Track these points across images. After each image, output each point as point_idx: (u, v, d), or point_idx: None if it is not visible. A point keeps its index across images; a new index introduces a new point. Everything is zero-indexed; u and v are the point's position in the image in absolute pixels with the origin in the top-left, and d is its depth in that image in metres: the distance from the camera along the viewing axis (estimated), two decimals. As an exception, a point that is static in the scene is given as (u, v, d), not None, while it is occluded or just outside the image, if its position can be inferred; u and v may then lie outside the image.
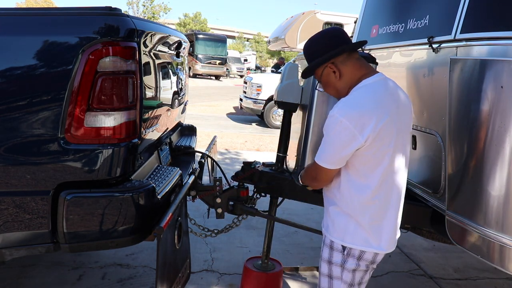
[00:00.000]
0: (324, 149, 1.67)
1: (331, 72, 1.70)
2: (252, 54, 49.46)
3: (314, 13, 11.27)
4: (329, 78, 1.72)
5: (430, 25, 2.39)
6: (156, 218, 1.88)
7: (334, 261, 1.75)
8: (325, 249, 1.80)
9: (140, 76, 1.88)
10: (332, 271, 1.76)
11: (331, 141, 1.62)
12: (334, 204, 1.76)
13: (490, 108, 1.87)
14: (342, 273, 1.74)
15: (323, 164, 1.67)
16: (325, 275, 1.79)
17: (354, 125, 1.54)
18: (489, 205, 1.91)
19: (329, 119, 1.61)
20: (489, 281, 3.24)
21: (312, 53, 1.75)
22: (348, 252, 1.71)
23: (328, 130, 1.63)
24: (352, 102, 1.61)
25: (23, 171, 1.74)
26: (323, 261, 1.81)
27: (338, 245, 1.73)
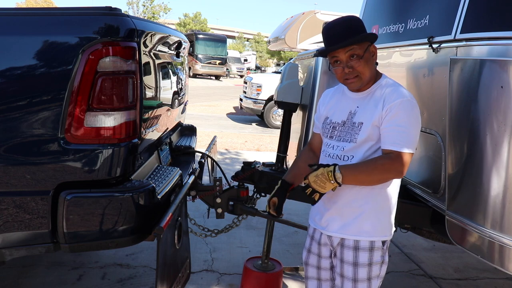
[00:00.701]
0: (410, 135, 1.62)
1: (371, 52, 1.72)
2: (252, 54, 49.47)
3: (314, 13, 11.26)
4: (369, 57, 1.70)
5: (430, 25, 2.39)
6: (156, 218, 1.88)
7: (375, 261, 1.73)
8: (361, 254, 1.72)
9: (140, 76, 1.88)
10: (371, 272, 1.73)
11: (416, 125, 1.65)
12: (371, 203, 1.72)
13: (490, 108, 1.87)
14: (381, 269, 1.76)
15: (411, 150, 1.61)
16: (364, 280, 1.73)
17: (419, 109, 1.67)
18: (489, 205, 1.90)
19: (408, 105, 1.64)
20: (489, 281, 3.24)
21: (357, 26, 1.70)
22: (386, 245, 1.76)
23: (410, 116, 1.63)
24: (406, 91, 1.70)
25: (23, 171, 1.74)
26: (360, 267, 1.72)
27: (379, 243, 1.74)
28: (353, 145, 1.72)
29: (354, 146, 1.71)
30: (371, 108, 1.69)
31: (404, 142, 1.60)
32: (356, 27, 1.69)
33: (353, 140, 1.72)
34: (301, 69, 2.54)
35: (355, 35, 1.65)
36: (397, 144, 1.60)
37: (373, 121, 1.67)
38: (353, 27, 1.68)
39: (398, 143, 1.60)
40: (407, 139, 1.61)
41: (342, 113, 1.79)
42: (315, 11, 11.33)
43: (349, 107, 1.77)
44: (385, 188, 1.73)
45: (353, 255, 1.73)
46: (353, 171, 1.64)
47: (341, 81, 1.75)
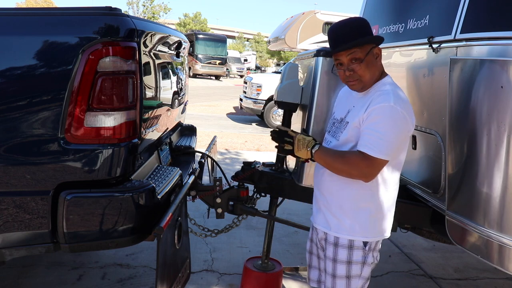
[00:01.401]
0: (386, 141, 1.60)
1: (375, 54, 1.71)
2: (252, 54, 49.47)
3: (314, 13, 11.27)
4: (372, 60, 1.70)
5: (430, 25, 2.39)
6: (156, 218, 1.88)
7: (354, 260, 1.75)
8: (340, 251, 1.75)
9: (140, 76, 1.88)
10: (351, 270, 1.76)
11: (395, 132, 1.62)
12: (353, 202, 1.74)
13: (490, 108, 1.87)
14: (362, 269, 1.76)
15: (385, 156, 1.60)
16: (343, 277, 1.76)
17: (410, 115, 1.65)
18: (489, 205, 1.90)
19: (389, 111, 1.60)
20: (489, 281, 3.24)
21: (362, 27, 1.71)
22: (369, 247, 1.75)
23: (389, 122, 1.61)
24: (401, 95, 1.67)
25: (23, 171, 1.74)
26: (339, 263, 1.76)
27: (359, 243, 1.74)
28: (336, 143, 1.78)
29: (337, 143, 1.78)
30: (359, 110, 1.71)
31: (377, 147, 1.60)
32: (358, 30, 1.68)
33: (337, 137, 1.78)
34: (301, 69, 2.54)
35: (357, 38, 1.65)
36: (370, 147, 1.61)
37: (354, 122, 1.69)
38: (355, 29, 1.68)
39: (371, 146, 1.61)
40: (381, 144, 1.60)
41: (343, 110, 1.83)
42: (315, 11, 11.35)
43: (348, 106, 1.81)
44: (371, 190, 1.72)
45: (333, 251, 1.78)
46: (325, 152, 1.76)
47: (344, 83, 1.78)
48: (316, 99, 2.22)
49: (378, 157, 1.60)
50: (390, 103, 1.61)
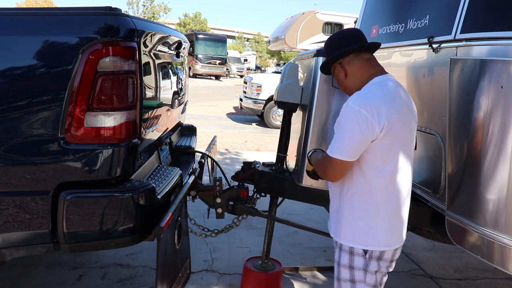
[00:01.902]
0: (341, 140, 1.62)
1: (339, 71, 1.79)
2: (252, 54, 49.46)
3: (314, 13, 11.27)
4: (338, 77, 1.82)
5: (430, 25, 2.39)
6: (156, 218, 1.88)
7: (356, 266, 1.74)
8: (343, 255, 1.76)
9: (140, 76, 1.88)
10: (354, 275, 1.75)
11: (349, 131, 1.60)
12: (350, 209, 1.73)
13: (490, 108, 1.87)
14: (365, 276, 1.74)
15: (339, 156, 1.62)
16: (347, 280, 1.76)
17: (371, 114, 1.57)
18: (489, 205, 1.90)
19: (346, 110, 1.62)
20: (489, 281, 3.24)
21: (326, 50, 1.85)
22: (370, 255, 1.72)
23: (344, 121, 1.62)
24: (366, 95, 1.65)
25: (23, 171, 1.74)
26: (342, 267, 1.77)
27: (359, 250, 1.72)
28: None
29: None
30: None
31: (332, 146, 1.66)
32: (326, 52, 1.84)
33: None
34: (301, 69, 2.54)
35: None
36: (329, 148, 1.68)
37: None
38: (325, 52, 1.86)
39: (329, 146, 1.67)
40: (335, 143, 1.65)
41: None
42: (315, 11, 11.35)
43: None
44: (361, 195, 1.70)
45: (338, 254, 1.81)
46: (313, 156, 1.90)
47: None
48: (316, 99, 2.22)
49: (334, 156, 1.64)
50: (349, 103, 1.63)
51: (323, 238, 3.08)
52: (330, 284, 3.02)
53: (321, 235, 2.75)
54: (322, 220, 4.17)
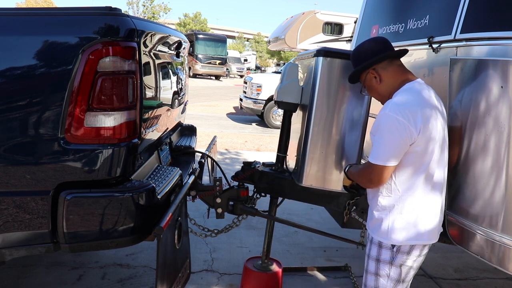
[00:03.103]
0: (382, 147, 1.71)
1: (372, 77, 1.85)
2: (252, 54, 49.45)
3: (314, 13, 11.27)
4: (371, 83, 1.88)
5: (430, 25, 2.39)
6: (156, 218, 1.88)
7: (383, 259, 1.81)
8: (372, 247, 1.85)
9: (140, 76, 1.88)
10: (379, 268, 1.83)
11: (390, 139, 1.69)
12: (382, 204, 1.81)
13: (490, 108, 1.87)
14: (390, 270, 1.81)
15: (382, 162, 1.71)
16: (372, 273, 1.85)
17: (408, 120, 1.66)
18: (489, 205, 1.91)
19: (383, 118, 1.70)
20: (489, 281, 3.24)
21: (356, 59, 1.91)
22: (397, 249, 1.79)
23: (384, 129, 1.70)
24: (401, 101, 1.72)
25: (23, 171, 1.74)
26: (370, 259, 1.86)
27: (387, 243, 1.80)
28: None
29: None
30: None
31: (374, 154, 1.74)
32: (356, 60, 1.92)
33: None
34: (301, 69, 2.54)
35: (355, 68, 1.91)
36: (370, 156, 1.75)
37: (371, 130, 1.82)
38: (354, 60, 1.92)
39: (371, 154, 1.75)
40: (377, 151, 1.73)
41: None
42: (315, 11, 11.35)
43: None
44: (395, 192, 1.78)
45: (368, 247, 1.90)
46: (352, 169, 2.01)
47: None
48: (316, 99, 2.22)
49: (376, 163, 1.72)
50: (386, 111, 1.71)
51: (323, 238, 3.08)
52: (330, 284, 3.03)
53: (321, 235, 2.76)
54: (322, 220, 4.17)
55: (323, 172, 2.29)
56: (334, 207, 2.54)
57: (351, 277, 3.08)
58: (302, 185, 2.33)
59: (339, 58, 2.19)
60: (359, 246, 2.61)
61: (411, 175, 1.75)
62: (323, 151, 2.26)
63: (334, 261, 3.36)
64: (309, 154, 2.27)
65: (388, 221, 1.79)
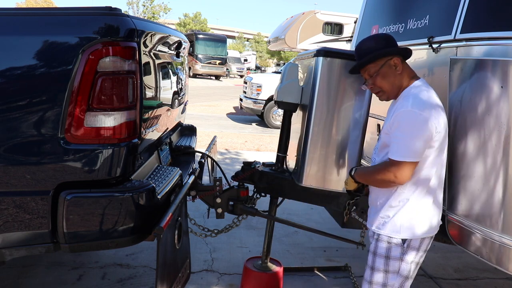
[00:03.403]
0: (407, 144, 1.70)
1: (393, 65, 1.82)
2: (252, 54, 49.44)
3: (314, 13, 11.27)
4: (389, 71, 1.83)
5: (430, 25, 2.39)
6: (156, 218, 1.88)
7: (392, 256, 1.82)
8: (380, 244, 1.85)
9: (140, 76, 1.88)
10: (389, 265, 1.83)
11: (415, 135, 1.70)
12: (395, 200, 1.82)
13: (490, 108, 1.87)
14: (400, 266, 1.83)
15: (408, 158, 1.70)
16: (381, 270, 1.85)
17: (430, 116, 1.69)
18: (489, 205, 1.91)
19: (408, 115, 1.70)
20: (489, 281, 3.24)
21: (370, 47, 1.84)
22: (408, 244, 1.81)
23: (408, 125, 1.71)
24: (422, 97, 1.74)
25: (23, 171, 1.74)
26: (378, 257, 1.86)
27: (397, 239, 1.81)
28: (376, 151, 1.95)
29: (377, 151, 1.93)
30: (388, 118, 1.85)
31: (399, 151, 1.72)
32: (369, 48, 1.84)
33: (376, 146, 1.95)
34: (301, 69, 2.54)
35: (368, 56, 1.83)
36: (393, 153, 1.74)
37: (385, 129, 1.83)
38: (367, 48, 1.85)
39: (394, 152, 1.74)
40: (402, 148, 1.71)
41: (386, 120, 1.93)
42: (315, 11, 11.35)
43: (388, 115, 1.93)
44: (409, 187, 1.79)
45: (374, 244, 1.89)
46: (361, 171, 1.96)
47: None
48: (316, 99, 2.22)
49: (402, 160, 1.71)
50: (408, 108, 1.71)
51: (323, 238, 3.08)
52: (330, 284, 3.03)
53: (321, 235, 2.75)
54: (322, 220, 4.17)
55: (323, 172, 2.29)
56: (334, 207, 2.54)
57: (351, 277, 3.08)
58: (302, 185, 2.33)
59: (339, 58, 2.19)
60: (359, 246, 2.61)
61: (426, 170, 1.77)
62: (323, 151, 2.26)
63: (334, 261, 3.36)
64: (309, 154, 2.27)
65: (401, 216, 1.80)
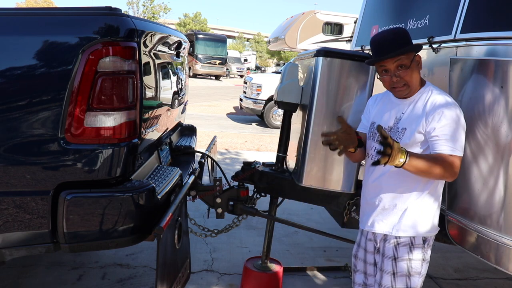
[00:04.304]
0: (458, 139, 1.69)
1: (418, 61, 1.82)
2: (252, 54, 49.43)
3: (314, 13, 11.28)
4: (416, 67, 1.81)
5: (430, 25, 2.39)
6: (156, 218, 1.88)
7: (415, 258, 1.81)
8: (401, 249, 1.81)
9: (140, 76, 1.88)
10: (411, 268, 1.82)
11: (462, 128, 1.71)
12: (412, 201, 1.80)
13: (490, 108, 1.87)
14: (422, 267, 1.83)
15: (462, 154, 1.71)
16: (403, 274, 1.82)
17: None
18: (488, 205, 1.90)
19: (452, 108, 1.70)
20: (489, 281, 3.24)
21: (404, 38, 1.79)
22: (428, 243, 1.82)
23: (456, 119, 1.70)
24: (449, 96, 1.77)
25: (23, 171, 1.74)
26: (399, 261, 1.82)
27: (419, 240, 1.80)
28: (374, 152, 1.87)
29: None
30: (416, 115, 1.77)
31: (455, 147, 1.68)
32: (403, 39, 1.79)
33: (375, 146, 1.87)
34: (301, 69, 2.54)
35: (402, 46, 1.75)
36: (451, 150, 1.68)
37: (418, 128, 1.74)
38: (400, 38, 1.79)
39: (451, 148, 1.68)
40: (457, 144, 1.69)
41: (389, 119, 1.87)
42: (315, 11, 11.35)
43: (395, 114, 1.86)
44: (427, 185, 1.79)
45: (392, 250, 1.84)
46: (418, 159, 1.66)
47: (389, 89, 1.84)
48: (316, 99, 2.22)
49: (459, 155, 1.69)
50: (449, 100, 1.73)
51: (323, 238, 3.08)
52: (330, 284, 3.03)
53: (321, 235, 2.76)
54: (322, 220, 4.17)
55: (323, 172, 2.30)
56: (334, 207, 2.54)
57: (351, 277, 3.08)
58: (302, 185, 2.33)
59: (339, 58, 2.19)
60: (359, 246, 2.60)
61: None
62: (323, 151, 2.26)
63: (334, 261, 3.36)
64: (309, 154, 2.27)
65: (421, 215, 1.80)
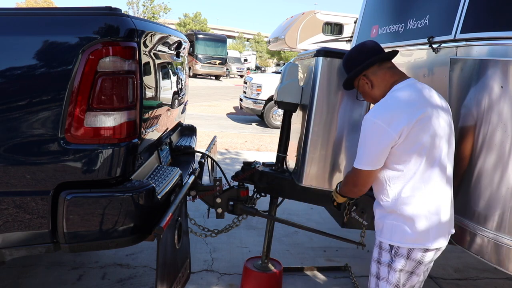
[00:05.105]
0: (363, 152, 1.72)
1: (364, 83, 1.85)
2: (252, 54, 49.44)
3: (314, 13, 11.29)
4: (364, 89, 1.88)
5: (430, 25, 2.39)
6: (156, 218, 1.88)
7: (383, 261, 1.80)
8: (375, 249, 1.86)
9: (140, 76, 1.88)
10: (380, 271, 1.81)
11: (370, 143, 1.70)
12: (380, 206, 1.82)
13: (490, 108, 1.87)
14: (388, 273, 1.79)
15: (363, 167, 1.72)
16: (373, 275, 1.85)
17: (387, 124, 1.63)
18: (488, 205, 1.91)
19: (365, 123, 1.70)
20: (489, 281, 3.24)
21: (346, 67, 1.94)
22: (395, 251, 1.76)
23: (364, 133, 1.71)
24: (383, 105, 1.72)
25: (23, 171, 1.74)
26: (372, 261, 1.86)
27: (386, 245, 1.79)
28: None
29: None
30: None
31: (357, 159, 1.75)
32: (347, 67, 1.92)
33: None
34: (301, 69, 2.54)
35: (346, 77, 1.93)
36: (355, 162, 1.76)
37: None
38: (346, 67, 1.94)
39: (355, 161, 1.76)
40: (360, 156, 1.74)
41: None
42: (315, 11, 11.36)
43: None
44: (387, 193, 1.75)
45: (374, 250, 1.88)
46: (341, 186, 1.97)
47: None
48: (316, 99, 2.22)
49: (359, 167, 1.74)
50: (367, 115, 1.71)
51: (323, 238, 3.08)
52: (330, 284, 3.03)
53: (321, 235, 2.75)
54: (322, 220, 4.17)
55: (323, 172, 2.30)
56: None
57: (351, 277, 3.08)
58: (302, 185, 2.33)
59: (339, 58, 2.19)
60: (359, 246, 2.61)
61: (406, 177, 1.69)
62: (323, 151, 2.26)
63: (334, 261, 3.36)
64: (309, 154, 2.27)
65: (387, 222, 1.78)
